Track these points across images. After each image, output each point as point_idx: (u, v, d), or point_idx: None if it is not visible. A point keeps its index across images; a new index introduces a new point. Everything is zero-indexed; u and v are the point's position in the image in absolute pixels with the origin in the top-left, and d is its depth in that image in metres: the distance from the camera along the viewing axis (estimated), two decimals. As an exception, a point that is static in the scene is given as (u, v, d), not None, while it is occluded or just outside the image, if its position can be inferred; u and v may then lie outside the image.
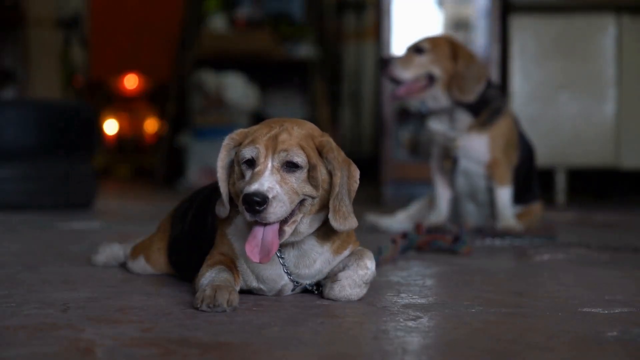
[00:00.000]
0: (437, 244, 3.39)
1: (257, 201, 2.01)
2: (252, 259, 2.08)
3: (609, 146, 6.26)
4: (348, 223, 2.17)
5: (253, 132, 2.17)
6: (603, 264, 3.13)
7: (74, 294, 2.29)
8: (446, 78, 3.91)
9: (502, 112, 3.98)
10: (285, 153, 2.09)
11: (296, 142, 2.12)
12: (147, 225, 3.97)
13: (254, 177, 2.07)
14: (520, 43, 6.27)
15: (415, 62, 3.93)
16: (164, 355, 1.63)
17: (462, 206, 4.11)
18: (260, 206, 2.01)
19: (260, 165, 2.08)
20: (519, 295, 2.43)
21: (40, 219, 4.69)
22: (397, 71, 3.93)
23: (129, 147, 11.84)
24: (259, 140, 2.12)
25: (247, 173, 2.12)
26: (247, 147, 2.12)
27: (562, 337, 1.84)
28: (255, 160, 2.10)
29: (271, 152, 2.09)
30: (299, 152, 2.10)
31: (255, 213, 2.02)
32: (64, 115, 5.44)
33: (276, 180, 2.06)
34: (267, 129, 2.15)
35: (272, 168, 2.08)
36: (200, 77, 8.64)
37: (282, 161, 2.09)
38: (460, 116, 3.95)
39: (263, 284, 2.26)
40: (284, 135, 2.12)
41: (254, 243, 2.08)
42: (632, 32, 6.23)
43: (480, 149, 3.94)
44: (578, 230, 4.46)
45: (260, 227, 2.08)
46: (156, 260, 2.63)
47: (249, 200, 2.02)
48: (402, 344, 1.77)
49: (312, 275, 2.27)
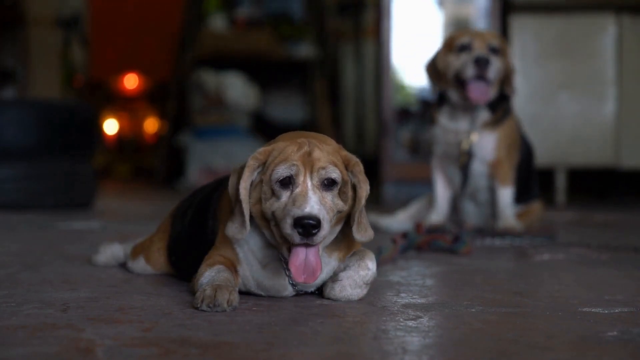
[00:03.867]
0: (437, 243, 3.39)
1: (313, 224, 1.99)
2: (296, 279, 2.06)
3: (609, 146, 6.26)
4: (368, 234, 2.19)
5: (280, 150, 2.10)
6: (603, 263, 3.13)
7: (74, 294, 2.29)
8: (503, 74, 3.94)
9: (510, 111, 4.01)
10: (324, 171, 2.07)
11: (329, 158, 2.10)
12: (147, 225, 3.97)
13: (299, 199, 2.02)
14: (520, 43, 6.27)
15: (497, 64, 3.90)
16: (164, 355, 1.63)
17: (463, 206, 4.10)
18: (315, 229, 1.99)
19: (300, 184, 2.05)
20: (519, 295, 2.43)
21: (40, 219, 4.69)
22: (491, 72, 3.85)
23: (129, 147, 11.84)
24: (293, 158, 2.07)
25: (282, 193, 2.06)
26: (281, 165, 2.06)
27: (562, 337, 1.84)
28: (294, 178, 2.06)
29: (309, 170, 2.06)
30: (335, 169, 2.09)
31: (309, 236, 2.00)
32: (64, 115, 5.44)
33: (320, 199, 2.04)
34: (295, 145, 2.10)
35: (313, 187, 2.05)
36: (200, 77, 8.64)
37: (322, 179, 2.07)
38: (481, 113, 3.96)
39: (264, 292, 2.26)
40: (316, 152, 2.09)
41: (298, 263, 2.05)
42: (632, 32, 6.23)
43: (488, 147, 3.94)
44: (578, 230, 4.46)
45: (302, 248, 2.05)
46: (156, 260, 2.62)
47: (305, 225, 1.98)
48: (402, 343, 1.77)
49: (318, 284, 2.27)
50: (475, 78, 3.86)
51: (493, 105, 3.96)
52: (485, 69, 3.83)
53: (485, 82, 3.85)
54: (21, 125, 5.25)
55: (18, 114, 5.29)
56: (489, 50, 3.88)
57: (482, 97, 3.87)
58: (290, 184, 2.06)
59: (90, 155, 5.79)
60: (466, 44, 3.91)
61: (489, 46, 3.89)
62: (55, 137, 5.36)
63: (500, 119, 3.96)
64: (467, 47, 3.90)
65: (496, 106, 3.96)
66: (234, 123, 8.64)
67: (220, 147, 8.38)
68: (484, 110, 3.95)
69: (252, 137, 8.68)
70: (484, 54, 3.84)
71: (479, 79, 3.85)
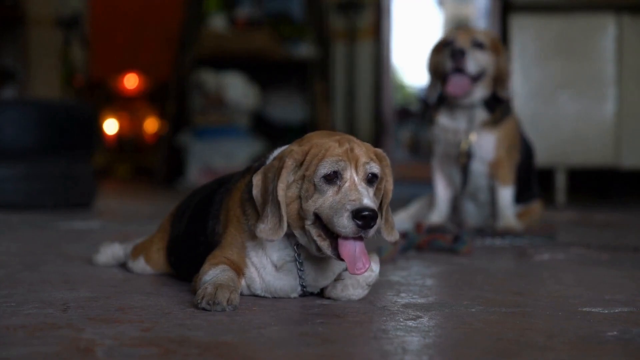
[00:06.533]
0: (437, 243, 3.39)
1: (373, 216, 2.00)
2: (351, 271, 2.06)
3: (609, 146, 6.26)
4: (394, 234, 2.20)
5: (320, 147, 2.10)
6: (603, 263, 3.13)
7: (74, 294, 2.29)
8: (493, 74, 3.91)
9: (510, 112, 3.99)
10: (368, 166, 2.09)
11: (369, 154, 2.12)
12: (147, 225, 3.97)
13: (352, 193, 2.03)
14: (520, 43, 6.27)
15: (478, 57, 3.89)
16: (164, 355, 1.63)
17: (463, 206, 4.10)
18: (373, 221, 2.01)
19: (348, 179, 2.06)
20: (519, 294, 2.43)
21: (40, 219, 4.69)
22: (469, 64, 3.85)
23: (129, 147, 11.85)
24: (337, 153, 2.07)
25: (327, 189, 2.06)
26: (326, 160, 2.06)
27: (562, 337, 1.84)
28: (340, 174, 2.06)
29: (353, 166, 2.08)
30: (375, 164, 2.12)
31: (366, 229, 2.01)
32: (64, 115, 5.44)
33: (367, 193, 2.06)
34: (335, 142, 2.10)
35: (360, 182, 2.07)
36: (200, 77, 8.64)
37: (366, 174, 2.09)
38: (479, 113, 3.94)
39: (271, 294, 2.25)
40: (357, 148, 2.10)
41: (351, 255, 2.06)
42: (632, 32, 6.23)
43: (487, 147, 3.93)
44: (578, 230, 4.46)
45: (352, 242, 2.06)
46: (156, 260, 2.62)
47: (366, 216, 2.00)
48: (402, 343, 1.77)
49: (327, 284, 2.27)
50: (453, 71, 3.85)
51: (490, 105, 3.94)
52: (461, 61, 3.81)
53: (465, 76, 3.84)
54: (21, 125, 5.25)
55: (18, 113, 5.29)
56: (473, 45, 3.87)
57: (459, 91, 3.85)
58: (337, 179, 2.07)
59: (90, 155, 5.79)
60: (450, 40, 3.91)
61: (473, 41, 3.88)
62: (55, 137, 5.36)
63: (500, 119, 3.95)
64: (450, 42, 3.90)
65: (494, 106, 3.95)
66: (234, 123, 8.64)
67: (220, 147, 8.38)
68: (481, 110, 3.94)
69: (252, 137, 8.68)
70: (462, 46, 3.83)
71: (457, 72, 3.84)
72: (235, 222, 2.23)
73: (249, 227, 2.19)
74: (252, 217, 2.19)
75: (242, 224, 2.21)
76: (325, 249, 2.09)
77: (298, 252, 2.18)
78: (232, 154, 8.30)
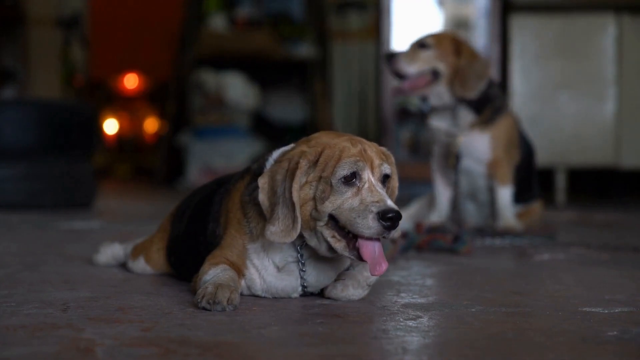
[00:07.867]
0: (437, 243, 3.39)
1: (398, 217, 2.02)
2: (373, 272, 2.07)
3: (609, 146, 6.27)
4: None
5: (334, 147, 2.09)
6: (603, 263, 3.13)
7: (74, 294, 2.29)
8: (450, 74, 3.90)
9: (503, 111, 3.97)
10: (382, 167, 2.11)
11: (379, 155, 2.13)
12: (147, 225, 3.97)
13: (373, 194, 2.04)
14: (520, 43, 6.27)
15: (420, 57, 3.91)
16: (164, 355, 1.63)
17: (463, 205, 4.10)
18: (398, 222, 2.03)
19: (366, 180, 2.07)
20: (519, 294, 2.43)
21: (40, 219, 4.69)
22: (402, 65, 3.91)
23: (129, 147, 11.85)
24: (353, 154, 2.08)
25: (345, 190, 2.06)
26: (345, 161, 2.06)
27: (562, 337, 1.84)
28: (359, 174, 2.06)
29: (369, 167, 2.09)
30: (387, 165, 2.13)
31: (391, 229, 2.03)
32: (64, 115, 5.44)
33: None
34: (348, 142, 2.10)
35: (377, 182, 2.08)
36: (200, 77, 8.64)
37: (381, 174, 2.10)
38: (462, 113, 3.94)
39: (272, 294, 2.24)
40: (368, 148, 2.11)
41: (372, 255, 2.06)
42: (632, 32, 6.23)
43: (481, 148, 3.93)
44: (578, 230, 4.46)
45: (372, 243, 2.07)
46: (156, 260, 2.62)
47: (393, 218, 2.02)
48: (402, 343, 1.77)
49: (327, 284, 2.27)
50: (393, 74, 4.04)
51: (477, 105, 3.93)
52: (392, 63, 3.94)
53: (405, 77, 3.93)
54: (21, 125, 5.25)
55: (18, 113, 5.29)
56: (418, 47, 3.93)
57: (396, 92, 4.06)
58: (355, 179, 2.06)
59: (90, 155, 5.79)
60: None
61: (419, 43, 3.94)
62: (55, 137, 5.36)
63: (491, 119, 3.93)
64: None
65: (481, 106, 3.93)
66: (234, 123, 8.64)
67: (220, 147, 8.38)
68: (465, 111, 3.93)
69: (252, 137, 8.68)
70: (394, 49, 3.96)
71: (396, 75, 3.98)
72: (235, 224, 2.22)
73: (250, 229, 2.19)
74: (253, 219, 2.18)
75: (242, 225, 2.20)
76: (342, 250, 2.09)
77: (301, 253, 2.18)
78: (232, 154, 8.29)
